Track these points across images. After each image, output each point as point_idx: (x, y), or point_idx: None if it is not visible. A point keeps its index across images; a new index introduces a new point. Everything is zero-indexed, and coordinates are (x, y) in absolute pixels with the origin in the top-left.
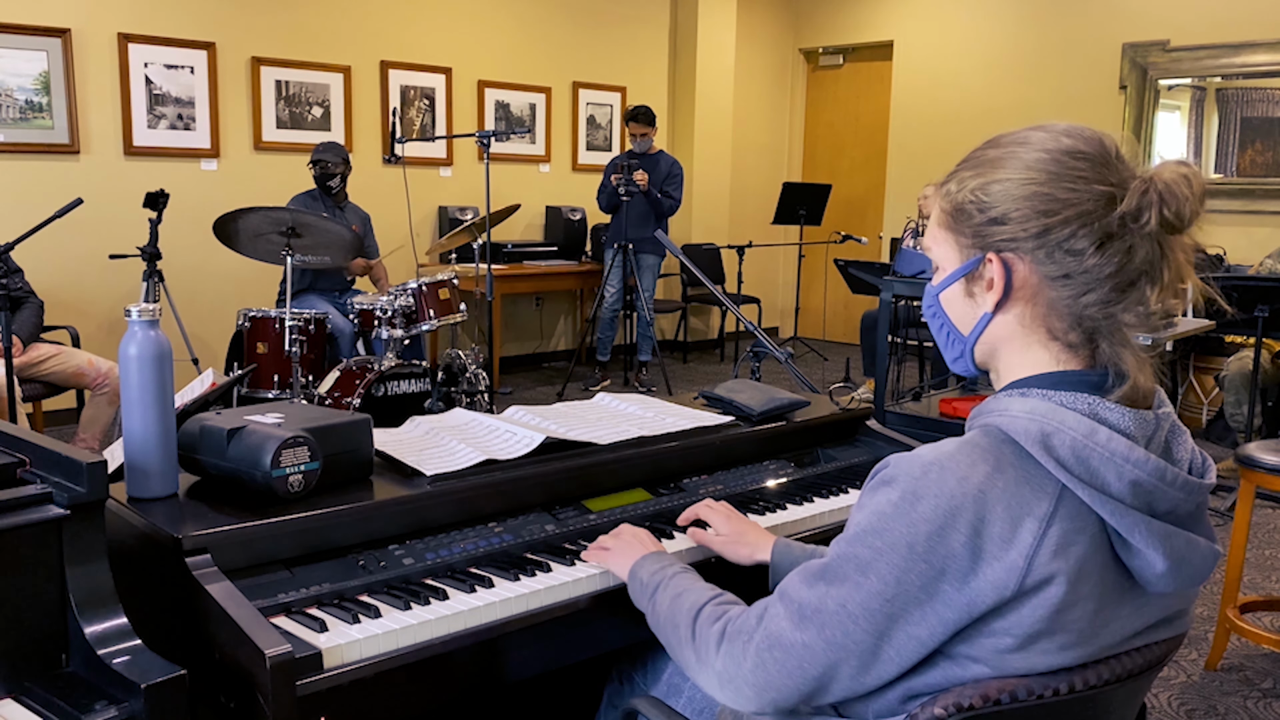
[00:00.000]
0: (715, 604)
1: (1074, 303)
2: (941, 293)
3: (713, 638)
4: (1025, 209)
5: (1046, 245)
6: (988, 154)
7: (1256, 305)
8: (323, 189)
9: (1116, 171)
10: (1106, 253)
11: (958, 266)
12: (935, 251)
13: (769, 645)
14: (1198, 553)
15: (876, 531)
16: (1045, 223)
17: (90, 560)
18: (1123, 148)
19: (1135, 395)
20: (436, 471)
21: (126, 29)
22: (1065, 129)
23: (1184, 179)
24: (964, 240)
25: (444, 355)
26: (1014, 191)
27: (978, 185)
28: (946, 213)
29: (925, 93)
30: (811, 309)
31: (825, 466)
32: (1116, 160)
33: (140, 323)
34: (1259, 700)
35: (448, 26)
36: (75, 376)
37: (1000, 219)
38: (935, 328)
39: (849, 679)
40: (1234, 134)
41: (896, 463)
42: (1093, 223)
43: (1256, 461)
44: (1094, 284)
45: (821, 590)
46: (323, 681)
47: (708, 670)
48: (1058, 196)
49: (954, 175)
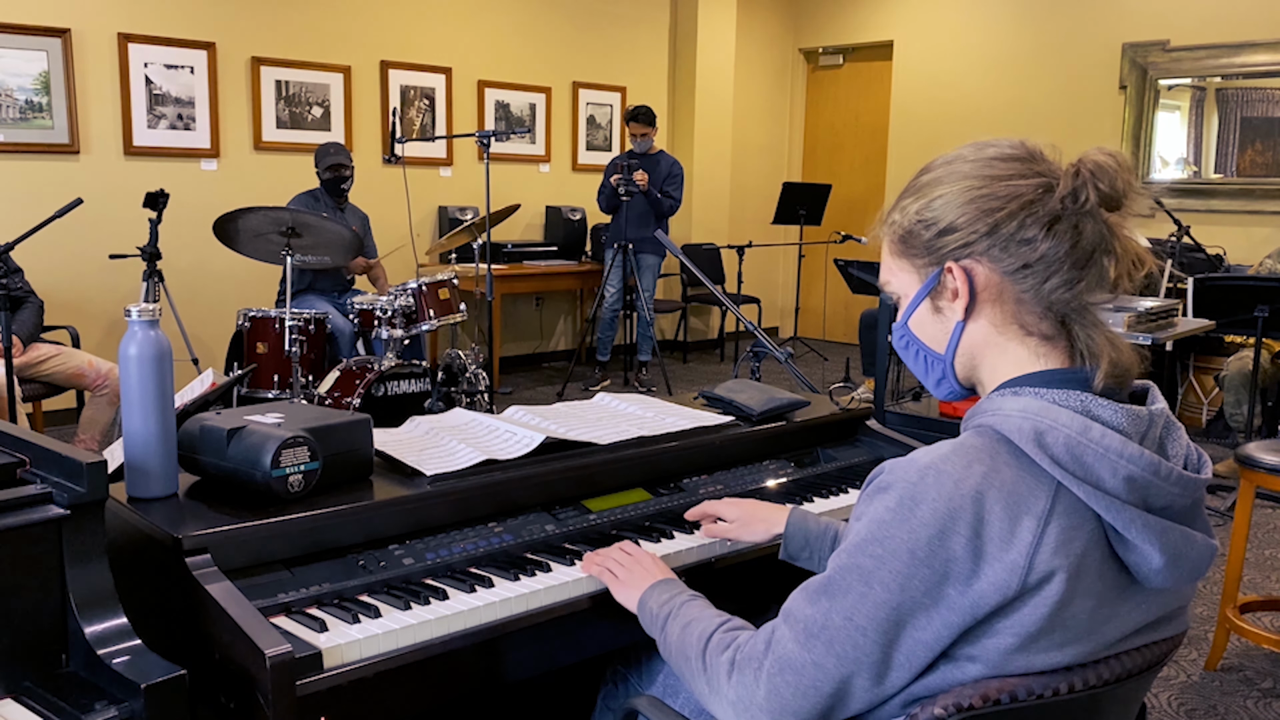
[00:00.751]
0: (724, 631)
1: (1039, 290)
2: (910, 319)
3: (723, 667)
4: (970, 212)
5: (999, 240)
6: (922, 179)
7: (1256, 305)
8: (334, 191)
9: (1045, 164)
10: (1056, 235)
11: (918, 289)
12: (894, 284)
13: (779, 669)
14: (1195, 548)
15: (877, 540)
16: (993, 220)
17: (90, 560)
18: (1045, 150)
19: (1117, 371)
20: (436, 471)
21: (126, 29)
22: (987, 141)
23: (1109, 156)
24: (919, 261)
25: (444, 355)
26: (956, 200)
27: (920, 206)
28: (896, 241)
29: (925, 93)
30: (811, 309)
31: (825, 466)
32: (1041, 159)
33: (140, 323)
34: (1259, 700)
35: (448, 26)
36: (75, 377)
37: (949, 228)
38: (911, 358)
39: (864, 691)
40: (1234, 134)
41: (892, 468)
42: (1037, 210)
43: (1256, 461)
44: (1054, 267)
45: (825, 606)
46: (323, 681)
47: (721, 700)
48: (998, 194)
49: (895, 207)
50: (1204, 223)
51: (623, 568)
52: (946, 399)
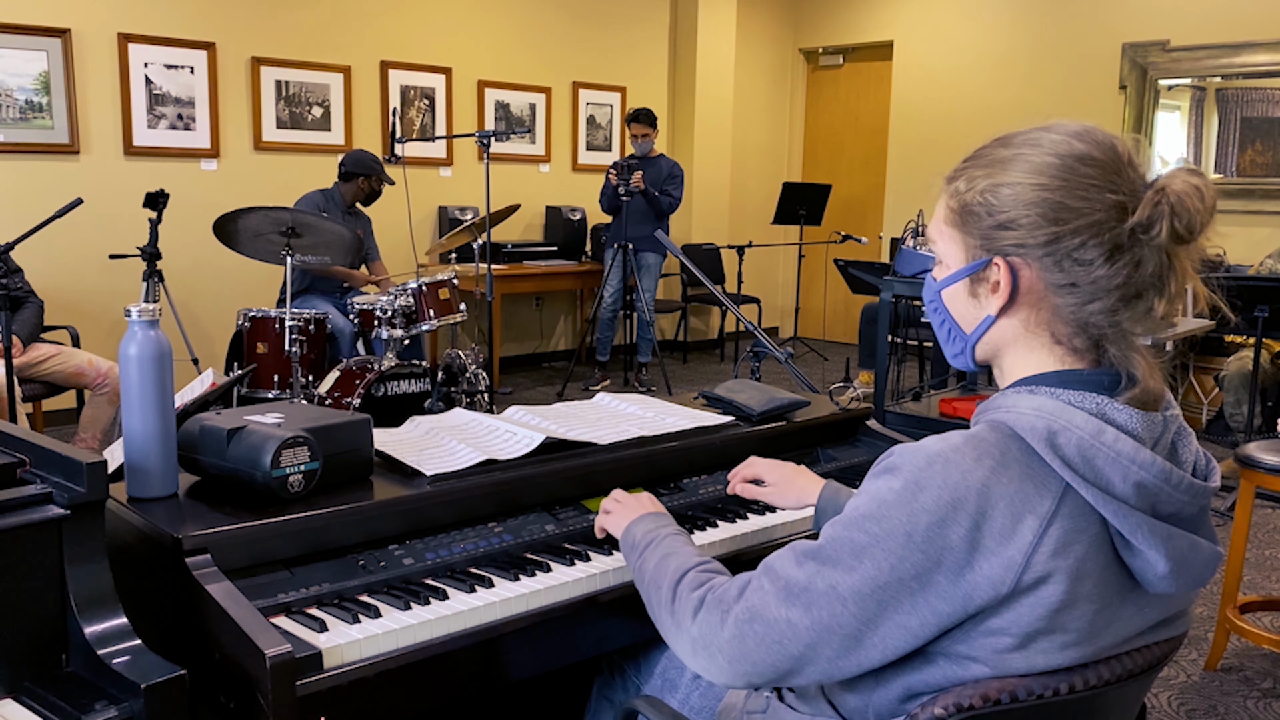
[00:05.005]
0: (700, 570)
1: (1079, 310)
2: (944, 289)
3: (692, 603)
4: (1034, 215)
5: (1055, 253)
6: (998, 153)
7: (1256, 305)
8: (363, 202)
9: (1128, 179)
10: (1115, 264)
11: (963, 266)
12: (940, 246)
13: (750, 618)
14: (1200, 555)
15: (875, 518)
16: (1055, 231)
17: (90, 560)
18: (1135, 153)
19: (1145, 398)
20: (436, 471)
21: (126, 29)
22: (1077, 131)
23: (1196, 191)
24: (971, 241)
25: (444, 355)
26: (1024, 196)
27: (987, 186)
28: (954, 210)
29: (925, 93)
30: (811, 309)
31: (825, 466)
32: (1128, 167)
33: (140, 323)
34: (1259, 700)
35: (448, 26)
36: (75, 376)
37: (1009, 224)
38: (936, 323)
39: (827, 661)
40: (1234, 134)
41: (901, 453)
42: (1103, 234)
43: (1256, 461)
44: (1100, 294)
45: (812, 570)
46: (323, 681)
47: (683, 635)
48: (1068, 205)
49: (963, 172)
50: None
51: (618, 503)
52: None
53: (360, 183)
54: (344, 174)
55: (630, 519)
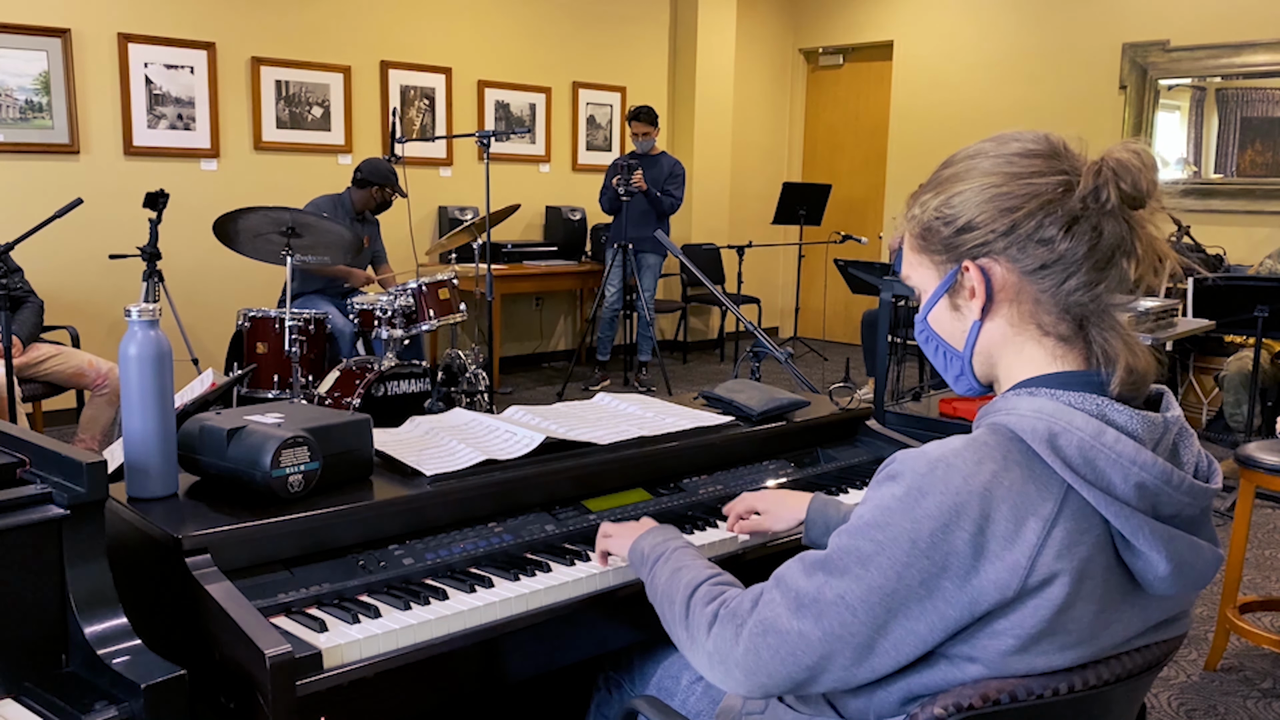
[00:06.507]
0: (712, 584)
1: (1057, 291)
2: (929, 315)
3: (706, 618)
4: (989, 210)
5: (1017, 240)
6: (943, 174)
7: (1256, 305)
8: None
9: (1068, 160)
10: (1075, 235)
11: (937, 285)
12: (914, 278)
13: (763, 631)
14: (1201, 556)
15: (879, 525)
16: (1011, 219)
17: (90, 560)
18: (1069, 143)
19: (1134, 378)
20: (436, 471)
21: (126, 29)
22: (1012, 134)
23: (1133, 154)
24: (938, 257)
25: (444, 355)
26: (975, 198)
27: (940, 202)
28: (916, 236)
29: (925, 93)
30: (811, 309)
31: (825, 466)
32: (1065, 151)
33: (140, 323)
34: (1259, 700)
35: (448, 26)
36: (75, 377)
37: (967, 226)
38: (931, 352)
39: (841, 670)
40: (1234, 134)
41: (903, 459)
42: (1056, 210)
43: (1256, 461)
44: (1072, 268)
45: (820, 580)
46: (323, 681)
47: (699, 650)
48: (1017, 192)
49: (915, 200)
50: (1204, 223)
51: (618, 525)
52: (966, 394)
53: (374, 191)
54: (359, 180)
55: (634, 536)
